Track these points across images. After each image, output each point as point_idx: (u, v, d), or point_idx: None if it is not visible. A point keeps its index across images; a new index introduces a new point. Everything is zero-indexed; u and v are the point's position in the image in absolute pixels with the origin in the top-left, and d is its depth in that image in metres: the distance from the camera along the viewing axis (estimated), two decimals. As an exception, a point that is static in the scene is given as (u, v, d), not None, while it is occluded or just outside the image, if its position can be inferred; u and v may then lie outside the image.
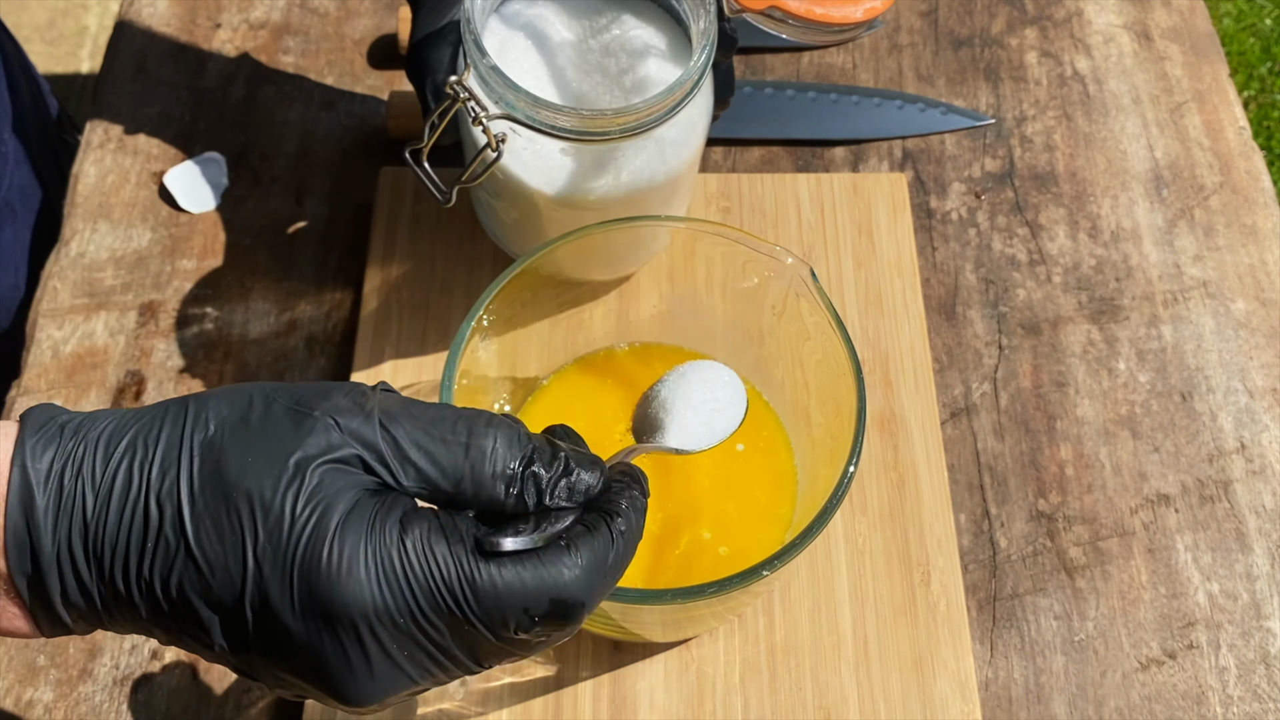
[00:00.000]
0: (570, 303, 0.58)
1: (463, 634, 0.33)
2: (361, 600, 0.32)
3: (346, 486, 0.33)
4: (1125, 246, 0.67)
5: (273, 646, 0.33)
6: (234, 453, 0.33)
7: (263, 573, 0.32)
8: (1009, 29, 0.75)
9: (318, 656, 0.33)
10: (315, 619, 0.32)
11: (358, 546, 0.32)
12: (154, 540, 0.33)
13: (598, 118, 0.49)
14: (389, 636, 0.33)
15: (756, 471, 0.55)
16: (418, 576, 0.32)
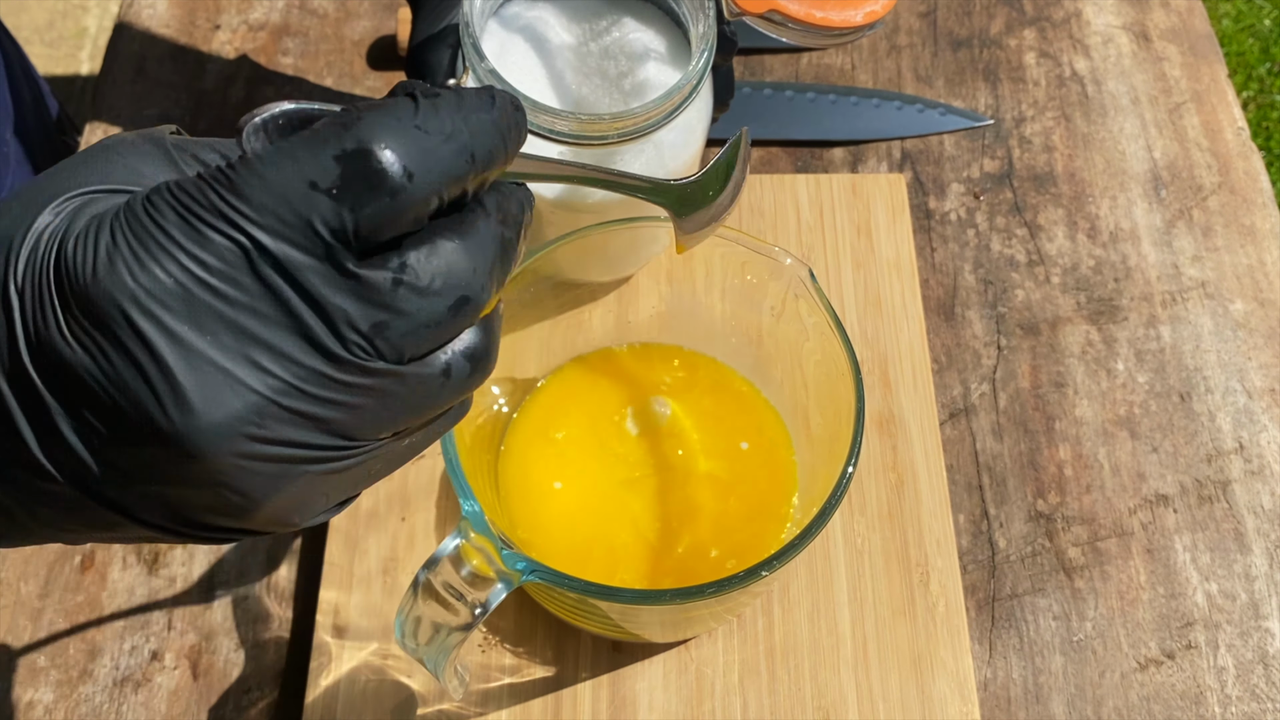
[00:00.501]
0: (569, 303, 0.58)
1: (266, 298, 0.26)
2: (124, 285, 0.25)
3: (96, 199, 0.28)
4: (1124, 247, 0.67)
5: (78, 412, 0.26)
6: None
7: (25, 319, 0.26)
8: (1008, 30, 0.75)
9: (113, 382, 0.26)
10: (86, 333, 0.26)
11: (103, 229, 0.26)
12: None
13: (595, 122, 0.49)
14: (174, 319, 0.26)
15: (756, 471, 0.55)
16: (171, 219, 0.26)
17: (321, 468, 0.28)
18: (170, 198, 0.26)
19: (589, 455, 0.55)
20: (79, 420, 0.26)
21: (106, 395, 0.26)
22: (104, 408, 0.26)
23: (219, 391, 0.26)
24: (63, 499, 0.28)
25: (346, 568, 0.55)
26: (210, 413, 0.26)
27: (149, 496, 0.27)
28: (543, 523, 0.54)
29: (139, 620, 0.56)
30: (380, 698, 0.53)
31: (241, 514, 0.28)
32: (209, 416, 0.26)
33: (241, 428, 0.26)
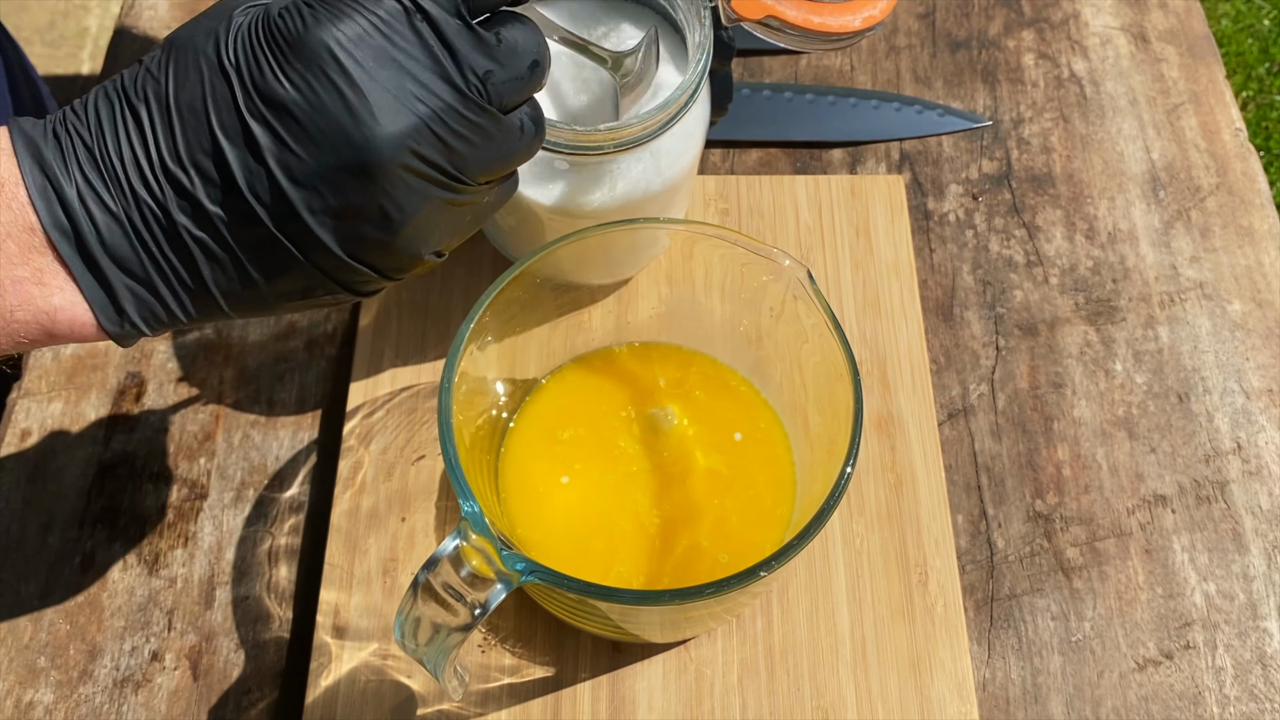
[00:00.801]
0: (569, 305, 0.58)
1: (420, 45, 0.36)
2: (330, 33, 0.35)
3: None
4: (1122, 248, 0.67)
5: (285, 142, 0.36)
6: (184, 29, 0.37)
7: (243, 78, 0.35)
8: (1006, 31, 0.75)
9: (319, 108, 0.35)
10: (300, 74, 0.35)
11: (301, 4, 0.36)
12: (150, 131, 0.36)
13: (591, 134, 0.49)
14: (365, 57, 0.35)
15: (755, 472, 0.55)
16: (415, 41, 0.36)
17: (446, 195, 0.38)
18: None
19: (588, 456, 0.55)
20: (286, 151, 0.35)
21: (311, 122, 0.35)
22: (307, 134, 0.35)
23: (394, 111, 0.36)
24: (253, 246, 0.36)
25: (346, 568, 0.55)
26: (388, 125, 0.36)
27: (328, 216, 0.36)
28: (542, 523, 0.54)
29: (139, 621, 0.56)
30: (380, 698, 0.53)
31: (392, 228, 0.37)
32: (387, 128, 0.35)
33: (407, 142, 0.36)
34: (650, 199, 0.55)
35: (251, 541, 0.58)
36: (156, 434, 0.61)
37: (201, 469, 0.60)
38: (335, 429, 0.60)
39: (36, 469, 0.60)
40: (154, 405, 0.61)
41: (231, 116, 0.35)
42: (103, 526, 0.58)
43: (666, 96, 0.50)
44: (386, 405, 0.60)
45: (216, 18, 0.37)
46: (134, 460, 0.60)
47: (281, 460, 0.60)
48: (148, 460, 0.60)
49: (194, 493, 0.59)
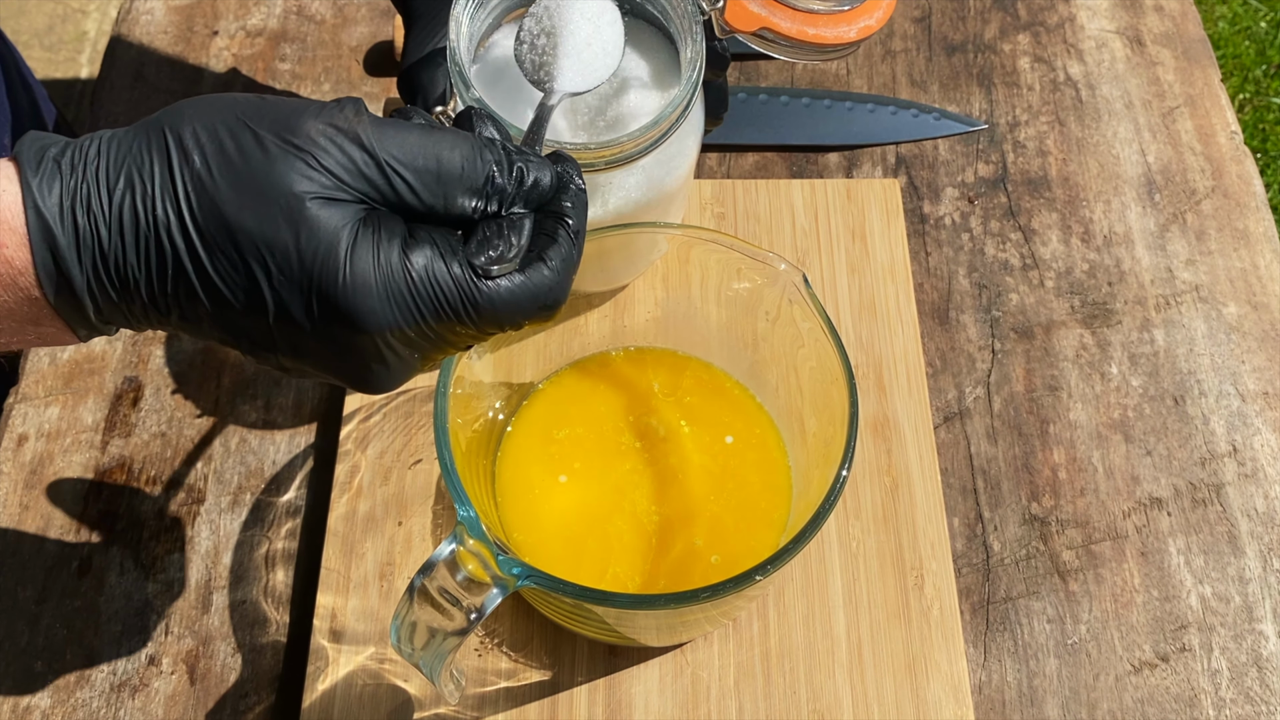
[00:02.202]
0: (566, 310, 0.58)
1: (462, 334, 0.38)
2: (378, 321, 0.36)
3: (343, 218, 0.36)
4: (1117, 251, 0.67)
5: (297, 353, 0.37)
6: (227, 193, 0.36)
7: (282, 299, 0.36)
8: (1002, 35, 0.75)
9: (339, 362, 0.38)
10: (336, 337, 0.37)
11: (369, 275, 0.36)
12: (173, 271, 0.36)
13: (582, 151, 0.49)
14: (400, 343, 0.37)
15: (751, 476, 0.55)
16: (424, 297, 0.37)
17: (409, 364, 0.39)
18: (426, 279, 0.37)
19: (585, 460, 0.55)
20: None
21: (330, 368, 0.38)
22: (323, 369, 0.38)
23: (405, 374, 0.39)
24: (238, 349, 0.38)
25: (343, 572, 0.56)
26: (394, 386, 0.39)
27: (305, 375, 0.39)
28: (539, 527, 0.54)
29: (136, 625, 0.56)
30: (377, 702, 0.53)
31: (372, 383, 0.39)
32: (392, 388, 0.39)
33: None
34: (644, 210, 0.55)
35: (248, 546, 0.58)
36: (153, 439, 0.61)
37: (198, 473, 0.60)
38: (332, 433, 0.61)
39: (33, 474, 0.60)
40: (151, 410, 0.61)
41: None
42: (99, 531, 0.58)
43: (659, 112, 0.50)
44: (383, 410, 0.60)
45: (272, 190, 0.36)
46: (131, 465, 0.60)
47: (278, 465, 0.60)
48: (144, 465, 0.60)
49: (191, 497, 0.59)
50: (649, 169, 0.53)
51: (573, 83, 0.49)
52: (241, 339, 0.37)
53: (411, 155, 0.37)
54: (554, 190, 0.40)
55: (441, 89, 0.53)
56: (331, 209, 0.36)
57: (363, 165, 0.36)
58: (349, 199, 0.36)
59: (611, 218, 0.54)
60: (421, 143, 0.37)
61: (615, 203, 0.53)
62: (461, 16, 0.51)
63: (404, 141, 0.37)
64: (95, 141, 0.36)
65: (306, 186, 0.36)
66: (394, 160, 0.37)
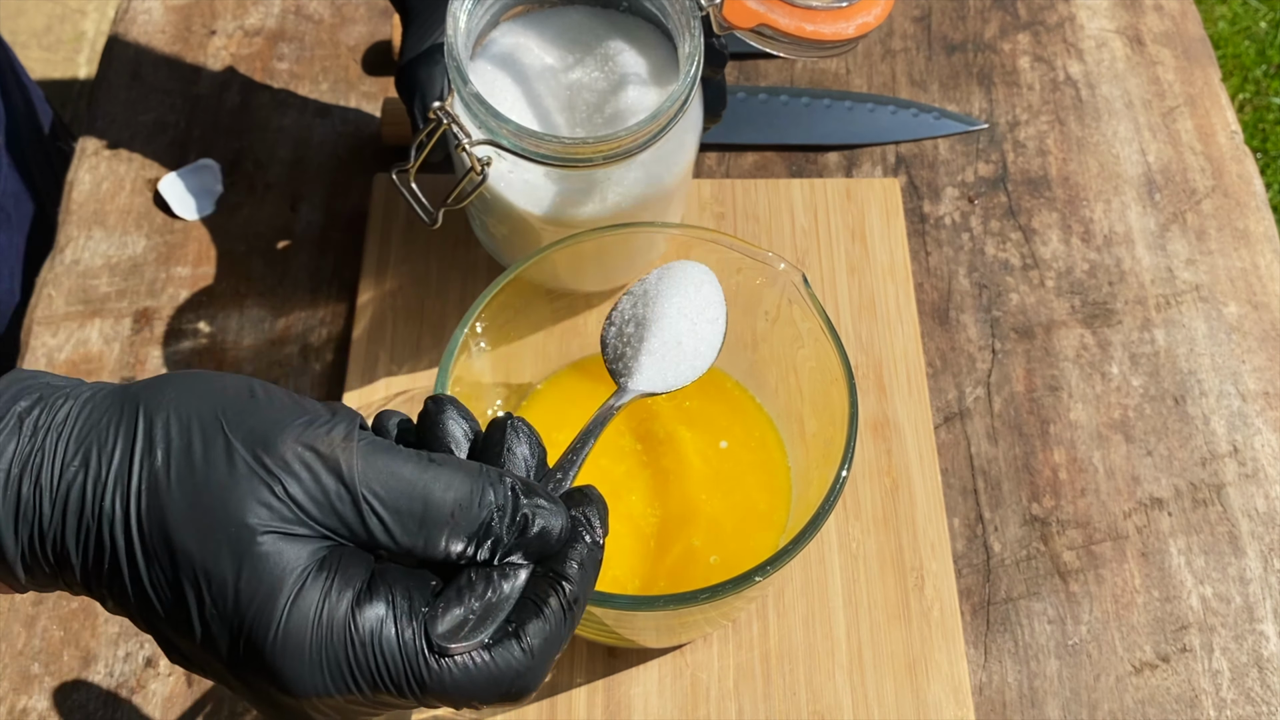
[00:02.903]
0: (564, 310, 0.58)
1: (408, 702, 0.33)
2: (304, 687, 0.32)
3: (296, 559, 0.32)
4: (1118, 251, 0.67)
5: (223, 683, 0.33)
6: (179, 505, 0.32)
7: (210, 632, 0.32)
8: (1002, 34, 0.75)
9: (264, 708, 0.33)
10: (261, 688, 0.32)
11: (304, 634, 0.32)
12: (109, 566, 0.32)
13: (580, 146, 0.49)
14: (330, 709, 0.33)
15: (751, 476, 0.55)
16: (362, 667, 0.32)
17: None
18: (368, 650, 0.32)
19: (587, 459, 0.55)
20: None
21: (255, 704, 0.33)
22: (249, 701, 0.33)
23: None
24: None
25: (341, 573, 0.55)
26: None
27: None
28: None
29: (133, 627, 0.56)
30: (375, 703, 0.52)
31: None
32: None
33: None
34: (643, 207, 0.54)
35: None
36: (151, 439, 0.60)
37: (196, 474, 0.59)
38: (330, 434, 0.60)
39: (31, 474, 0.59)
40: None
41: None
42: (97, 532, 0.58)
43: (657, 107, 0.50)
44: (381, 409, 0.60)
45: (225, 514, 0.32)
46: (129, 465, 0.60)
47: (276, 465, 0.60)
48: (142, 465, 0.60)
49: (189, 498, 0.59)
50: (647, 165, 0.53)
51: (650, 383, 0.45)
52: (169, 649, 0.34)
53: (396, 493, 0.33)
54: (563, 542, 0.34)
55: (440, 86, 0.53)
56: (285, 545, 0.32)
57: (335, 499, 0.32)
58: (310, 534, 0.32)
59: (610, 214, 0.54)
60: (412, 479, 0.33)
61: (614, 199, 0.53)
62: (459, 12, 0.50)
63: (391, 476, 0.33)
64: (69, 404, 0.33)
65: (262, 518, 0.32)
66: (373, 497, 0.32)
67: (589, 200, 0.53)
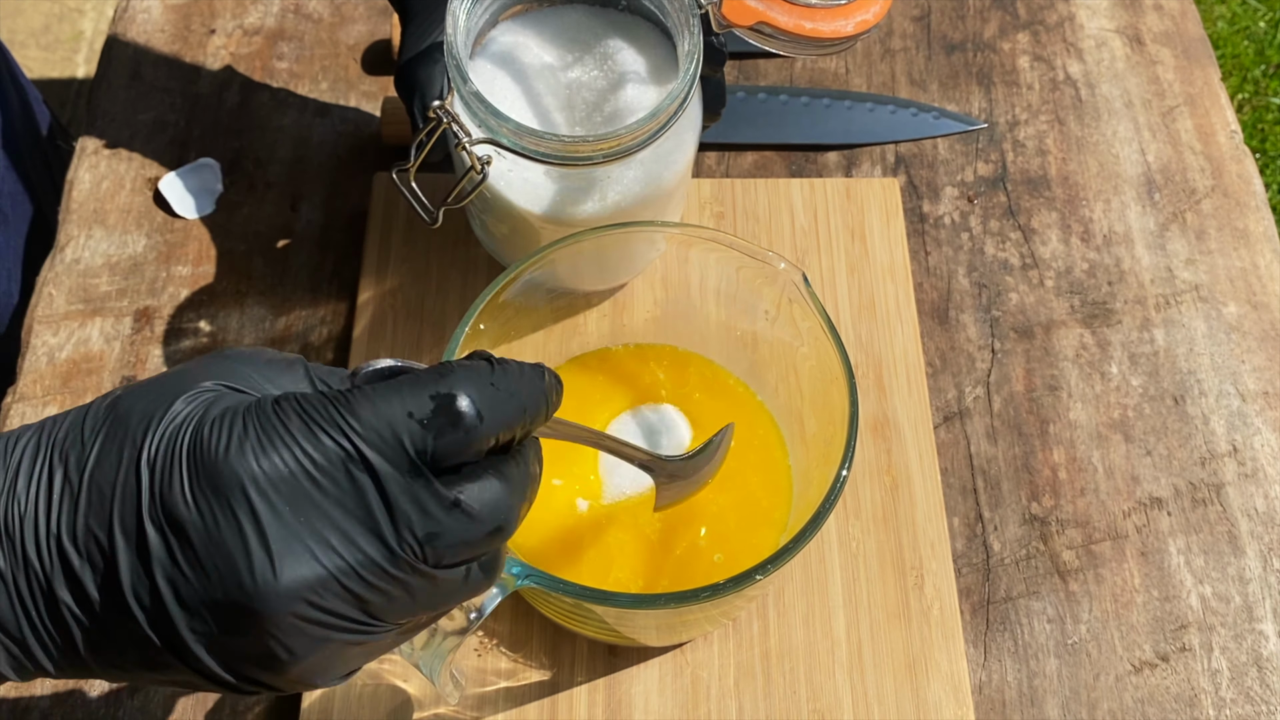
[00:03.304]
0: (565, 309, 0.58)
1: (353, 495, 0.33)
2: (248, 467, 0.32)
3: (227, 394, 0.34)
4: (1117, 250, 0.67)
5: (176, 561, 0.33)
6: (131, 395, 0.34)
7: (153, 483, 0.33)
8: (1001, 34, 0.75)
9: (216, 541, 0.32)
10: (207, 499, 0.32)
11: (236, 420, 0.33)
12: (58, 499, 0.33)
13: (580, 144, 0.49)
14: (280, 500, 0.32)
15: (751, 475, 0.55)
16: (294, 422, 0.33)
17: (349, 638, 0.33)
18: (296, 405, 0.33)
19: (585, 458, 0.55)
20: (175, 569, 0.32)
21: (206, 551, 0.32)
22: (199, 561, 0.32)
23: (297, 563, 0.32)
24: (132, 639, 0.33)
25: (342, 572, 0.55)
26: (285, 575, 0.32)
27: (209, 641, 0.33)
28: (538, 526, 0.54)
29: (134, 625, 0.56)
30: (376, 702, 0.53)
31: (279, 668, 0.33)
32: (283, 579, 0.32)
33: (305, 594, 0.32)
34: (643, 205, 0.54)
35: (247, 546, 0.58)
36: (151, 438, 0.61)
37: (197, 473, 0.60)
38: (331, 433, 0.60)
39: (31, 473, 0.59)
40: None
41: (132, 517, 0.33)
42: (98, 531, 0.58)
43: (656, 105, 0.50)
44: (382, 409, 0.60)
45: (162, 396, 0.34)
46: (129, 464, 0.60)
47: (277, 464, 0.60)
48: (143, 464, 0.60)
49: (189, 497, 0.59)
50: (647, 163, 0.53)
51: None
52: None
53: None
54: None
55: (439, 85, 0.53)
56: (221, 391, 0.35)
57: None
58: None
59: (610, 213, 0.54)
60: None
61: (614, 197, 0.53)
62: (459, 11, 0.50)
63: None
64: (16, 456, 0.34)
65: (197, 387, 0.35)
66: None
67: (589, 199, 0.53)
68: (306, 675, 0.34)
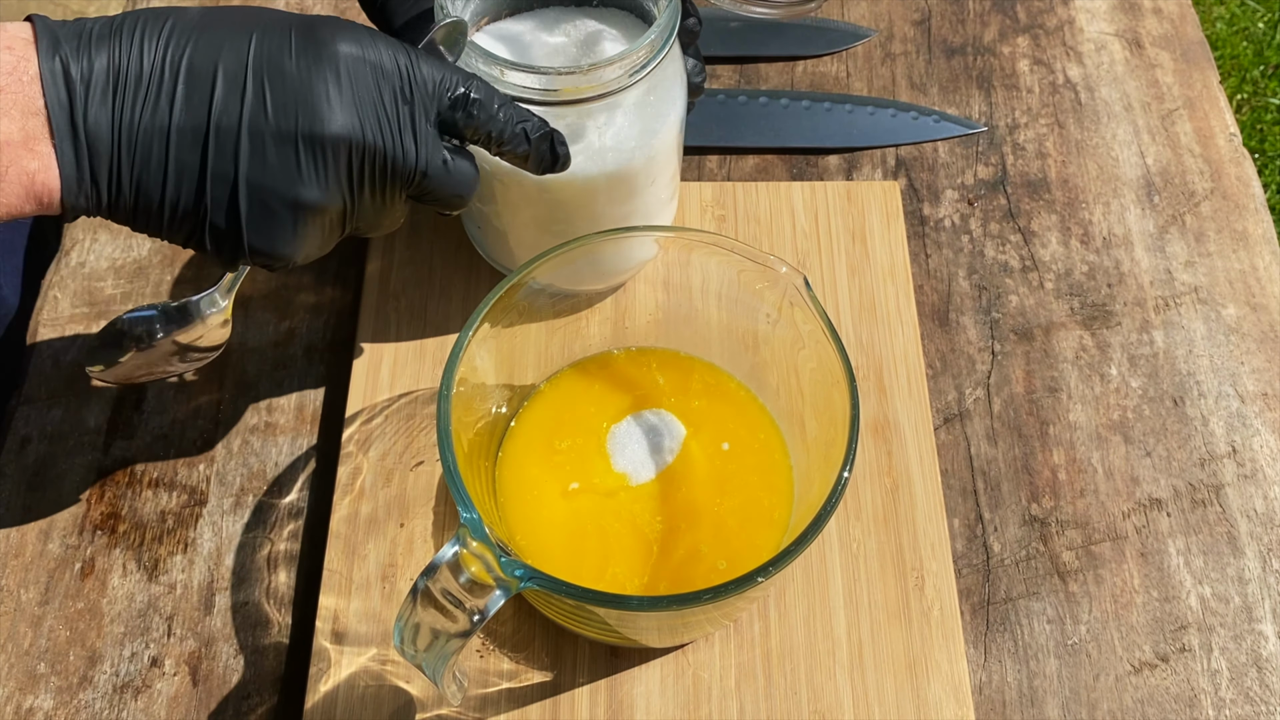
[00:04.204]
0: (567, 311, 0.58)
1: (399, 106, 0.46)
2: (346, 50, 0.45)
3: None
4: (1117, 252, 0.67)
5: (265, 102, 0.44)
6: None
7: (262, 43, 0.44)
8: (1001, 37, 0.76)
9: (307, 89, 0.44)
10: (308, 61, 0.44)
11: (340, 23, 0.45)
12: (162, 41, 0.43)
13: (571, 72, 0.50)
14: (359, 85, 0.45)
15: (752, 477, 0.56)
16: (381, 42, 0.46)
17: (338, 206, 0.47)
18: (384, 37, 0.47)
19: (587, 460, 0.56)
20: (260, 109, 0.44)
21: (296, 97, 0.44)
22: (286, 99, 0.44)
23: (350, 120, 0.45)
24: (191, 166, 0.44)
25: (346, 574, 0.56)
26: (342, 121, 0.45)
27: (255, 158, 0.44)
28: (540, 529, 0.54)
29: (139, 627, 0.56)
30: (379, 703, 0.53)
31: (286, 205, 0.45)
32: (339, 122, 0.45)
33: (344, 143, 0.45)
34: (635, 165, 0.55)
35: (251, 547, 0.58)
36: (156, 440, 0.61)
37: (201, 475, 0.60)
38: (334, 435, 0.61)
39: (36, 475, 0.60)
40: (154, 412, 0.62)
41: (238, 65, 0.43)
42: (102, 533, 0.58)
43: (643, 38, 0.51)
44: (385, 411, 0.60)
45: (268, 11, 0.46)
46: (133, 467, 0.60)
47: (280, 466, 0.60)
48: (147, 467, 0.60)
49: (193, 499, 0.59)
50: (638, 110, 0.54)
51: None
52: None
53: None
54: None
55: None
56: None
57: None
58: None
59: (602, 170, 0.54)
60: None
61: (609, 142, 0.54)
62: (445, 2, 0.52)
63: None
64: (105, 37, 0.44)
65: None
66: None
67: (579, 152, 0.54)
68: (298, 234, 0.46)
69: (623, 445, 0.56)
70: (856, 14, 0.77)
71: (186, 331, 0.53)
